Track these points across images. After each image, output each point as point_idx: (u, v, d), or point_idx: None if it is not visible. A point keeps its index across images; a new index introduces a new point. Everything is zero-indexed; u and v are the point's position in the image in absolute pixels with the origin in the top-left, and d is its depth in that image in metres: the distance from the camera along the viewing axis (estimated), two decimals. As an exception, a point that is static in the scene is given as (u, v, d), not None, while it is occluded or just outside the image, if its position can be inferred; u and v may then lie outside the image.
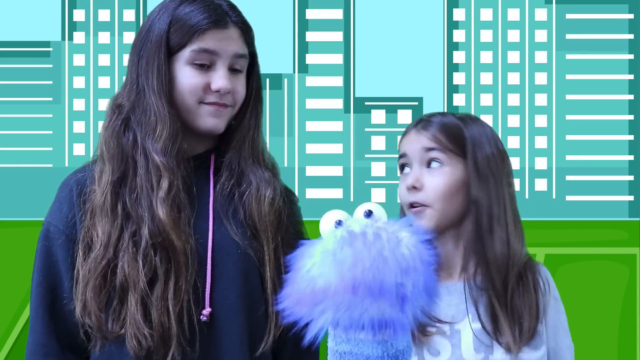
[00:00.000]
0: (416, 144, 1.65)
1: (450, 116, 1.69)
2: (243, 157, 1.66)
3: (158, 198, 1.57)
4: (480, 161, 1.63)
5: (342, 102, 2.62)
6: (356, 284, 1.28)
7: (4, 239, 2.57)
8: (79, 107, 2.61)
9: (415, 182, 1.63)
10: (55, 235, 1.64)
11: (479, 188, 1.62)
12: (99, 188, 1.60)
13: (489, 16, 2.62)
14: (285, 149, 2.60)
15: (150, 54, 1.62)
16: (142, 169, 1.59)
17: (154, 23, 1.64)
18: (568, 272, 2.55)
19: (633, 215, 2.58)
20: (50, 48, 2.61)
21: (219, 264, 1.60)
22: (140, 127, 1.61)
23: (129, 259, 1.56)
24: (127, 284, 1.55)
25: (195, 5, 1.63)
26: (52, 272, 1.64)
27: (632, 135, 2.60)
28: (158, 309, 1.54)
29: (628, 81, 2.60)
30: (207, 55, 1.61)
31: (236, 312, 1.60)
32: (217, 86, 1.60)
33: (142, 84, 1.62)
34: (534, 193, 2.59)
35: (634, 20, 2.61)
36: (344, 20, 2.63)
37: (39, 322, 1.65)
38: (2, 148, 2.59)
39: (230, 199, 1.65)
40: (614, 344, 2.56)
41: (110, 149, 1.61)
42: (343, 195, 2.60)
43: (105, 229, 1.58)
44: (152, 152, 1.59)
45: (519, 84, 2.62)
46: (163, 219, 1.56)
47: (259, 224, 1.63)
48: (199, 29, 1.60)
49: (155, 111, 1.60)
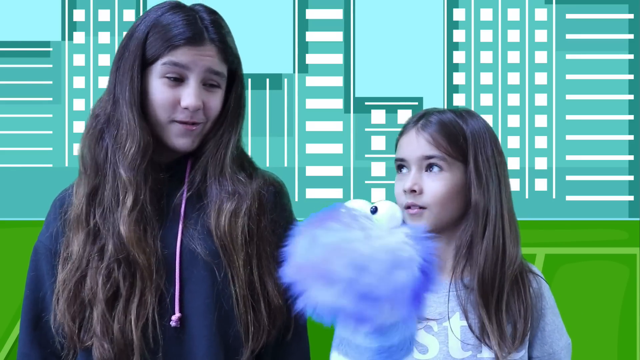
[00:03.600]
0: (416, 149, 1.63)
1: (448, 113, 1.67)
2: (207, 173, 1.64)
3: (121, 215, 1.56)
4: (481, 165, 1.62)
5: (342, 102, 2.62)
6: (316, 267, 1.30)
7: (4, 239, 2.57)
8: (79, 107, 2.61)
9: (414, 185, 1.62)
10: (41, 251, 1.67)
11: (480, 192, 1.61)
12: (76, 200, 1.61)
13: (489, 16, 2.62)
14: (285, 149, 2.60)
15: (126, 64, 1.59)
16: (109, 183, 1.58)
17: (135, 31, 1.62)
18: (568, 272, 2.54)
19: (633, 215, 2.58)
20: (50, 48, 2.61)
21: (187, 267, 1.60)
22: (112, 139, 1.59)
23: (93, 273, 1.56)
24: (91, 297, 1.56)
25: (176, 17, 1.59)
26: (37, 285, 1.67)
27: (632, 135, 2.60)
28: (119, 323, 1.55)
29: (628, 81, 2.60)
30: (178, 68, 1.58)
31: (205, 312, 1.59)
32: (185, 103, 1.58)
33: (117, 94, 1.59)
34: (534, 193, 2.59)
35: (634, 20, 2.61)
36: (344, 20, 2.63)
37: (24, 332, 1.69)
38: (2, 148, 2.59)
39: (193, 210, 1.63)
40: (614, 344, 2.56)
41: (85, 161, 1.61)
42: (343, 195, 2.60)
43: (79, 242, 1.58)
44: (120, 166, 1.57)
45: (519, 84, 2.62)
46: (126, 236, 1.55)
47: (217, 241, 1.60)
48: (172, 44, 1.57)
49: (126, 124, 1.57)
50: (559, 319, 1.70)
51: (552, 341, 1.67)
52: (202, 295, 1.59)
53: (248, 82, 2.57)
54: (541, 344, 1.66)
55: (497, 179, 1.62)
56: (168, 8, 1.62)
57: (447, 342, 1.60)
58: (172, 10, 1.61)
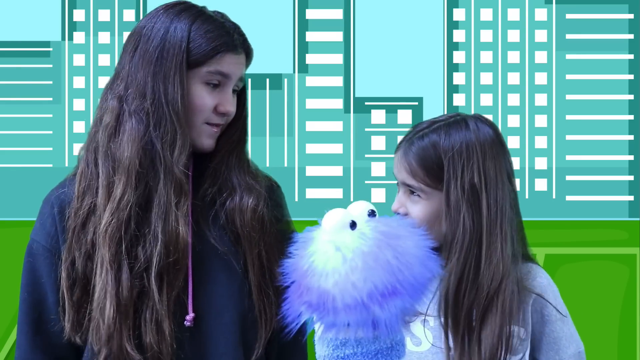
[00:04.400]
0: (398, 174, 1.65)
1: (432, 135, 1.64)
2: (229, 167, 1.65)
3: (178, 217, 1.56)
4: (452, 195, 1.60)
5: (342, 102, 2.62)
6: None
7: (4, 239, 2.57)
8: (79, 107, 2.61)
9: (400, 208, 1.64)
10: (38, 252, 1.64)
11: (449, 224, 1.61)
12: (106, 211, 1.56)
13: (489, 16, 2.62)
14: (285, 149, 2.60)
15: (170, 67, 1.57)
16: (165, 186, 1.55)
17: (169, 34, 1.59)
18: (568, 272, 2.55)
19: (633, 215, 2.58)
20: (50, 48, 2.61)
21: (199, 268, 1.60)
22: (160, 141, 1.57)
23: (127, 277, 1.55)
24: (134, 304, 1.56)
25: (212, 25, 1.60)
26: (36, 288, 1.65)
27: (632, 135, 2.60)
28: (151, 332, 1.55)
29: (628, 81, 2.60)
30: (220, 77, 1.60)
31: (221, 312, 1.60)
32: (225, 109, 1.60)
33: (159, 96, 1.56)
34: (534, 193, 2.59)
35: (634, 20, 2.61)
36: (344, 20, 2.63)
37: (24, 337, 1.66)
38: (2, 148, 2.59)
39: (210, 205, 1.64)
40: (614, 344, 2.56)
41: (126, 164, 1.56)
42: (343, 195, 2.60)
43: (113, 252, 1.55)
44: (175, 169, 1.56)
45: (519, 84, 2.62)
46: (182, 237, 1.55)
47: (240, 231, 1.62)
48: (219, 51, 1.59)
49: (175, 128, 1.56)
50: (567, 326, 1.68)
51: (559, 348, 1.66)
52: (216, 294, 1.60)
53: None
54: (547, 350, 1.66)
55: (470, 210, 1.60)
56: (199, 12, 1.62)
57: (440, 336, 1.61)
58: (203, 16, 1.62)
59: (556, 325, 1.66)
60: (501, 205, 1.61)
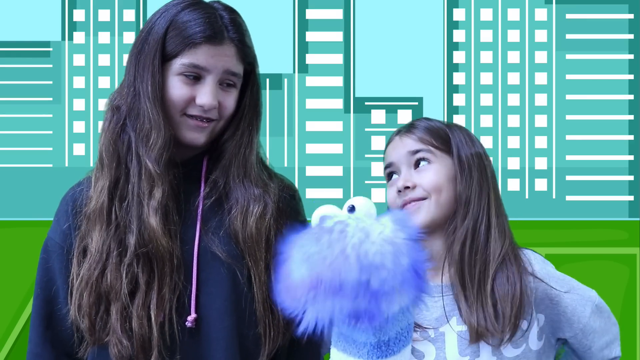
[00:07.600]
0: (402, 149, 1.66)
1: (434, 120, 1.71)
2: (231, 175, 1.63)
3: (150, 207, 1.56)
4: (464, 157, 1.64)
5: (342, 102, 2.62)
6: (318, 280, 1.29)
7: (4, 239, 2.57)
8: (79, 107, 2.61)
9: (407, 182, 1.63)
10: (52, 248, 1.65)
11: (462, 181, 1.63)
12: (94, 193, 1.60)
13: (489, 16, 2.62)
14: (285, 149, 2.60)
15: (146, 58, 1.59)
16: (135, 176, 1.58)
17: (154, 26, 1.61)
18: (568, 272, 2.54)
19: (633, 215, 2.58)
20: (50, 48, 2.61)
21: (204, 269, 1.59)
22: (135, 132, 1.59)
23: (114, 268, 1.56)
24: (110, 293, 1.56)
25: (196, 14, 1.59)
26: (49, 284, 1.66)
27: (632, 135, 2.60)
28: (138, 319, 1.54)
29: (628, 81, 2.60)
30: (196, 69, 1.58)
31: (223, 316, 1.59)
32: (201, 102, 1.58)
33: (137, 87, 1.59)
34: (534, 193, 2.59)
35: (634, 20, 2.61)
36: (344, 20, 2.63)
37: (35, 332, 1.67)
38: (2, 148, 2.59)
39: (213, 213, 1.63)
40: (614, 344, 2.56)
41: (108, 152, 1.61)
42: (343, 195, 2.60)
43: (99, 236, 1.58)
44: (147, 159, 1.57)
45: (519, 84, 2.62)
46: (155, 228, 1.55)
47: (242, 244, 1.60)
48: (191, 42, 1.57)
49: (149, 118, 1.57)
50: (574, 291, 1.67)
51: (579, 317, 1.66)
52: (220, 297, 1.59)
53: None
54: (569, 324, 1.66)
55: (481, 174, 1.64)
56: (188, 4, 1.61)
57: (444, 348, 1.60)
58: (191, 7, 1.60)
59: (566, 301, 1.66)
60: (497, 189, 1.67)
